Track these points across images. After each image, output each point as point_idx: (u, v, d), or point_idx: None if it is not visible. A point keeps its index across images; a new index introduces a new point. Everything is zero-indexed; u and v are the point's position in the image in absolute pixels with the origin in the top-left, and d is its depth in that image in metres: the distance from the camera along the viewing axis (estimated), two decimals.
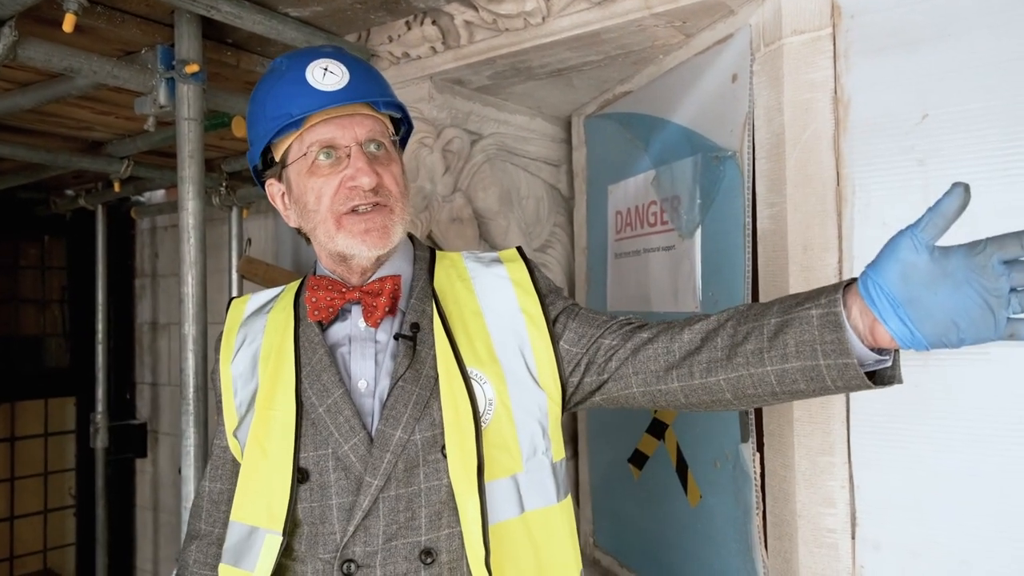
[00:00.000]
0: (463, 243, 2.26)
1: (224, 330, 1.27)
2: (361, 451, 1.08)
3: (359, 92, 1.15)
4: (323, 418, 1.10)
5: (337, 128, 1.12)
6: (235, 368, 1.21)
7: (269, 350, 1.19)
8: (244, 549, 1.11)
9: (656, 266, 1.94)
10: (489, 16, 1.85)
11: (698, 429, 1.78)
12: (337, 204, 1.12)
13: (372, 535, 1.06)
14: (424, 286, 1.22)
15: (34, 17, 1.66)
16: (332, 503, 1.08)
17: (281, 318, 1.22)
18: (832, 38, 1.46)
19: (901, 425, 1.38)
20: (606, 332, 1.16)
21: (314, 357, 1.15)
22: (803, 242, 1.48)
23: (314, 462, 1.10)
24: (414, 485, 1.08)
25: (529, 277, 1.22)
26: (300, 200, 1.16)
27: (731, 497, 1.66)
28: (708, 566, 1.76)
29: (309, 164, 1.13)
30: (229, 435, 1.20)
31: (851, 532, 1.43)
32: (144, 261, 4.62)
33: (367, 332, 1.17)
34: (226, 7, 1.68)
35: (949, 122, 1.34)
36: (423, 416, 1.10)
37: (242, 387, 1.20)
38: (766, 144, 1.56)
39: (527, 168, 2.50)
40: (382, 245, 1.13)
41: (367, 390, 1.13)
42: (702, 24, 1.74)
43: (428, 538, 1.08)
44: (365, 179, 1.11)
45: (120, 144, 2.98)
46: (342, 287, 1.17)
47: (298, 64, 1.14)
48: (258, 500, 1.11)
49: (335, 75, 1.13)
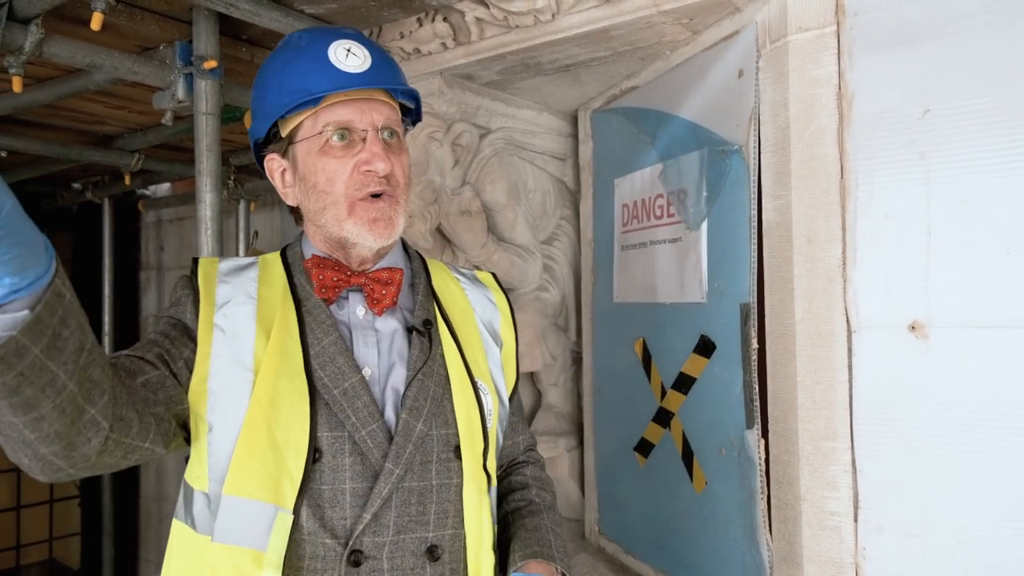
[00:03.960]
0: (472, 235, 2.30)
1: (200, 278, 1.14)
2: (379, 438, 1.07)
3: (381, 77, 1.13)
4: (338, 401, 1.07)
5: (355, 111, 1.10)
6: (220, 318, 1.10)
7: (266, 320, 1.11)
8: (245, 526, 1.02)
9: (663, 258, 1.98)
10: (500, 13, 1.89)
11: (704, 417, 1.82)
12: (352, 188, 1.10)
13: (383, 526, 1.05)
14: (427, 285, 1.23)
15: (58, 15, 1.70)
16: (346, 487, 1.06)
17: (275, 293, 1.15)
18: (836, 35, 1.50)
19: (901, 410, 1.43)
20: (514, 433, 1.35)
21: (325, 338, 1.11)
22: (807, 234, 1.52)
23: (328, 443, 1.06)
24: (427, 480, 1.09)
25: (510, 311, 1.34)
26: (308, 179, 1.13)
27: (736, 482, 1.71)
28: (714, 550, 1.80)
29: (322, 144, 1.10)
30: (195, 374, 1.07)
31: (854, 515, 1.48)
32: (149, 254, 4.65)
33: (366, 320, 1.16)
34: (244, 4, 1.71)
35: (950, 117, 1.38)
36: (439, 413, 1.12)
37: (226, 342, 1.08)
38: (772, 138, 1.60)
39: (534, 162, 2.54)
40: (387, 235, 1.12)
41: (372, 378, 1.12)
42: (709, 21, 1.78)
43: (435, 535, 1.08)
44: (380, 164, 1.09)
45: (131, 138, 3.02)
46: (347, 270, 1.16)
47: (320, 41, 1.12)
48: (264, 473, 1.03)
49: (358, 57, 1.11)
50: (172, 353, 1.07)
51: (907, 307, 1.42)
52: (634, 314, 2.15)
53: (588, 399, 2.50)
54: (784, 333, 1.57)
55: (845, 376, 1.49)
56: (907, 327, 1.42)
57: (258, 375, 1.06)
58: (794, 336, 1.54)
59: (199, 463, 1.07)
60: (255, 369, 1.07)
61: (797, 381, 1.53)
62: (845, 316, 1.49)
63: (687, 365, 1.87)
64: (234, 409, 1.05)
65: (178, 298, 1.14)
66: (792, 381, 1.55)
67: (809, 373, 1.52)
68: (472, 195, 2.30)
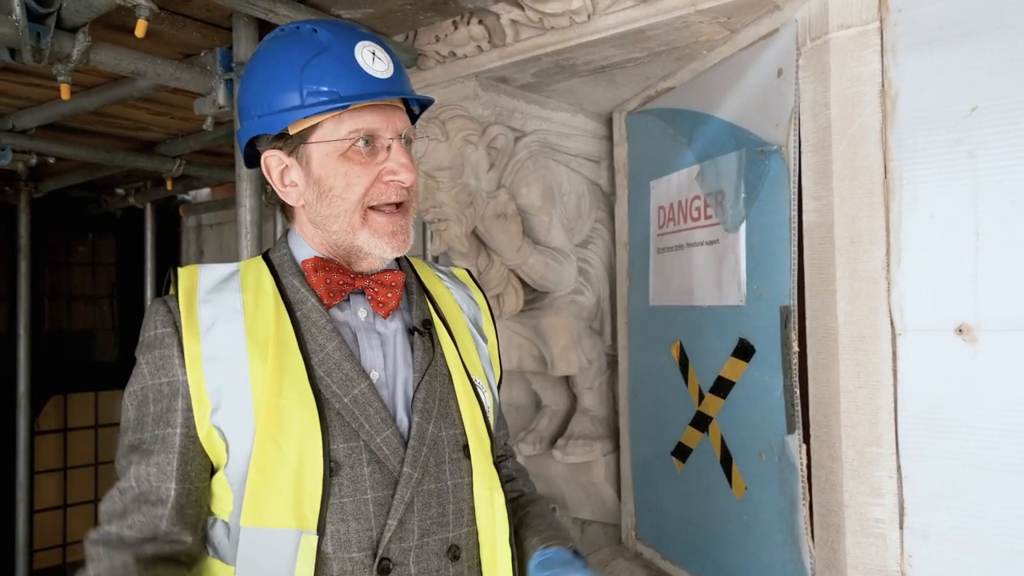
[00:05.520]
0: (507, 239, 2.30)
1: (181, 301, 1.07)
2: (394, 444, 1.06)
3: (404, 85, 1.11)
4: (350, 409, 1.05)
5: (382, 118, 1.08)
6: (208, 348, 1.04)
7: (258, 334, 1.06)
8: (270, 556, 1.00)
9: (700, 260, 1.96)
10: (535, 15, 1.89)
11: (743, 421, 1.80)
12: (370, 197, 1.08)
13: (407, 531, 1.05)
14: (418, 285, 1.22)
15: (103, 23, 1.74)
16: (368, 497, 1.03)
17: (264, 301, 1.10)
18: (879, 32, 1.47)
19: (949, 416, 1.39)
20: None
21: (328, 345, 1.07)
22: (850, 235, 1.49)
23: (345, 454, 1.03)
24: (443, 481, 1.09)
25: (488, 308, 1.33)
26: (324, 183, 1.08)
27: (777, 488, 1.68)
28: (754, 557, 1.77)
29: (345, 149, 1.06)
30: (200, 422, 1.03)
31: (899, 522, 1.45)
32: (190, 258, 4.74)
33: (369, 322, 1.13)
34: (283, 10, 1.74)
35: (999, 114, 1.34)
36: (446, 413, 1.12)
37: (219, 369, 1.03)
38: (812, 138, 1.57)
39: (568, 164, 2.54)
40: (405, 247, 1.11)
41: (380, 382, 1.10)
42: (747, 20, 1.75)
43: (454, 535, 1.09)
44: (408, 175, 1.08)
45: (173, 144, 3.08)
46: (350, 272, 1.13)
47: (344, 41, 1.08)
48: (281, 500, 1.00)
49: (383, 62, 1.08)
50: (193, 445, 1.03)
51: (954, 309, 1.39)
52: (670, 317, 2.13)
53: (624, 403, 2.48)
54: (826, 336, 1.54)
55: (889, 380, 1.45)
56: (954, 330, 1.39)
57: (260, 397, 1.02)
58: (836, 339, 1.51)
59: (220, 491, 1.05)
60: (256, 392, 1.02)
61: (840, 385, 1.50)
62: (889, 319, 1.45)
63: (725, 369, 1.84)
64: (242, 437, 1.02)
65: (160, 338, 1.06)
66: (834, 385, 1.51)
67: (852, 377, 1.49)
68: (507, 198, 2.30)
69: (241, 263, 1.16)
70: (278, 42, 1.11)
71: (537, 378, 2.72)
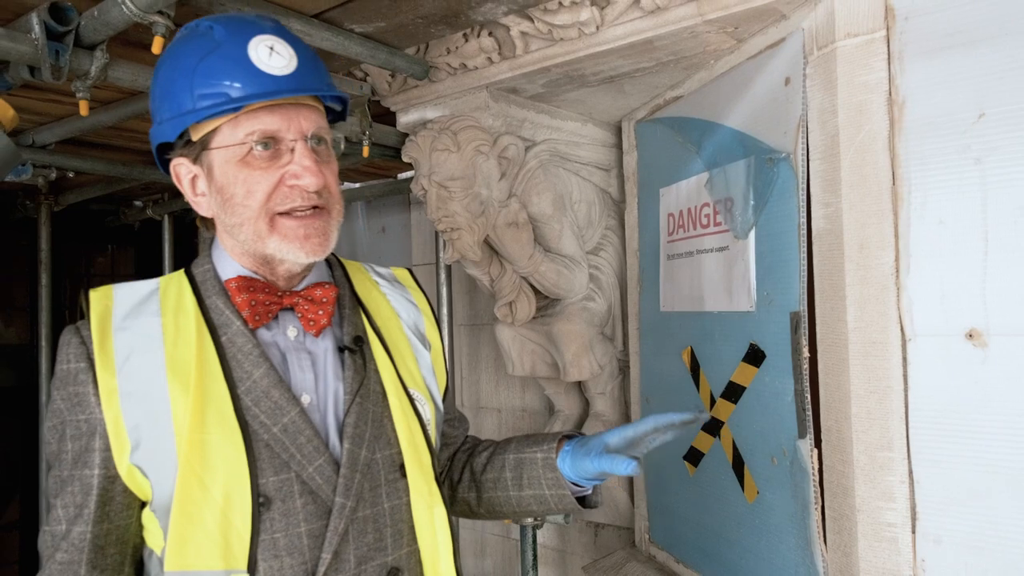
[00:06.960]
0: (519, 247, 2.33)
1: (94, 330, 1.02)
2: (327, 472, 1.02)
3: (309, 81, 1.02)
4: (280, 439, 1.00)
5: (282, 119, 1.00)
6: (124, 382, 0.99)
7: (179, 363, 1.00)
8: None
9: (710, 267, 1.98)
10: (544, 26, 1.91)
11: (755, 426, 1.81)
12: (274, 203, 1.01)
13: (343, 561, 1.01)
14: (351, 296, 1.17)
15: (121, 40, 1.78)
16: (301, 530, 0.99)
17: (184, 324, 1.04)
18: (886, 40, 1.48)
19: (961, 420, 1.40)
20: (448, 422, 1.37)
21: (255, 372, 1.02)
22: (859, 241, 1.50)
23: (276, 488, 0.99)
24: (379, 505, 1.05)
25: (430, 309, 1.30)
26: (225, 191, 1.02)
27: (789, 493, 1.69)
28: (767, 561, 1.78)
29: (243, 154, 1.00)
30: (119, 461, 0.98)
31: (911, 527, 1.45)
32: None
33: (299, 342, 1.08)
34: (297, 25, 1.77)
35: (1008, 120, 1.35)
36: (380, 434, 1.08)
37: (137, 405, 0.98)
38: (820, 145, 1.59)
39: (579, 173, 2.56)
40: (322, 251, 1.05)
41: (312, 406, 1.05)
42: (754, 29, 1.77)
43: (393, 557, 1.06)
44: (312, 179, 1.00)
45: None
46: (276, 290, 1.07)
47: (237, 36, 1.00)
48: (207, 540, 0.95)
49: (282, 57, 1.00)
50: (112, 486, 1.00)
51: (964, 315, 1.39)
52: (681, 323, 2.14)
53: (636, 408, 2.50)
54: (836, 342, 1.55)
55: (900, 385, 1.46)
56: (964, 335, 1.39)
57: (182, 432, 0.97)
58: (847, 345, 1.52)
59: (150, 524, 1.02)
60: (177, 426, 0.97)
61: (850, 390, 1.51)
62: (899, 324, 1.46)
63: (736, 374, 1.85)
64: (165, 476, 0.97)
65: (73, 373, 1.00)
66: (845, 390, 1.53)
67: (863, 383, 1.50)
68: (519, 207, 2.32)
69: (162, 279, 1.11)
70: (178, 42, 1.05)
71: (550, 383, 2.74)
